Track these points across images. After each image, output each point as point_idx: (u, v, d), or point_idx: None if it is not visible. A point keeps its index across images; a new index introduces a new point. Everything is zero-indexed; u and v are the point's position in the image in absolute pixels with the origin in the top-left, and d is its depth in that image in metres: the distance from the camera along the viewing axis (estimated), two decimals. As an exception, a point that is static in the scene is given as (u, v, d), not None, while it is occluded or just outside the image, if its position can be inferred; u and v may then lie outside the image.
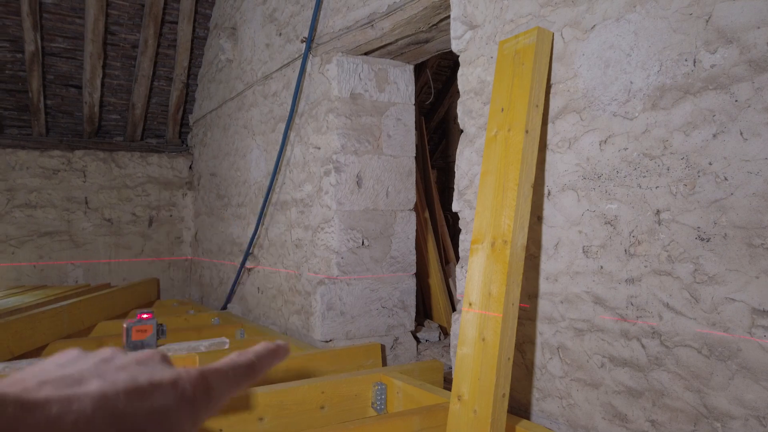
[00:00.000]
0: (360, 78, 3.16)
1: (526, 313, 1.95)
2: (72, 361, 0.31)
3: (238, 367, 0.34)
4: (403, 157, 3.29)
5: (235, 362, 0.34)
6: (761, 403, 1.33)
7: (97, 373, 0.29)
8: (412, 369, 2.49)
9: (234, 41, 4.57)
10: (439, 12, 2.52)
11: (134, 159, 5.68)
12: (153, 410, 0.28)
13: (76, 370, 0.30)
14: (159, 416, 0.28)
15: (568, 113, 1.81)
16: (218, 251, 4.95)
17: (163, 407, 0.29)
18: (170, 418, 0.29)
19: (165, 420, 0.28)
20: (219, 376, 0.32)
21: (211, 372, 0.32)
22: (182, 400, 0.30)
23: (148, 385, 0.29)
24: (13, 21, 4.63)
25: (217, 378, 0.32)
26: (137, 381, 0.29)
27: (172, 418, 0.29)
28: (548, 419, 1.88)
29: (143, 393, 0.28)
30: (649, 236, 1.58)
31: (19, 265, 5.17)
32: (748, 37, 1.36)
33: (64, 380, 0.28)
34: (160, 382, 0.29)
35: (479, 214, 1.84)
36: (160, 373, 0.30)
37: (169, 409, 0.29)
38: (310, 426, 2.11)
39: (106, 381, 0.28)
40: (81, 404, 0.26)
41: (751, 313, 1.35)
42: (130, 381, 0.29)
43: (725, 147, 1.41)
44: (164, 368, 0.31)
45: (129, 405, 0.27)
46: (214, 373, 0.32)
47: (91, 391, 0.27)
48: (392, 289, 3.22)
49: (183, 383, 0.30)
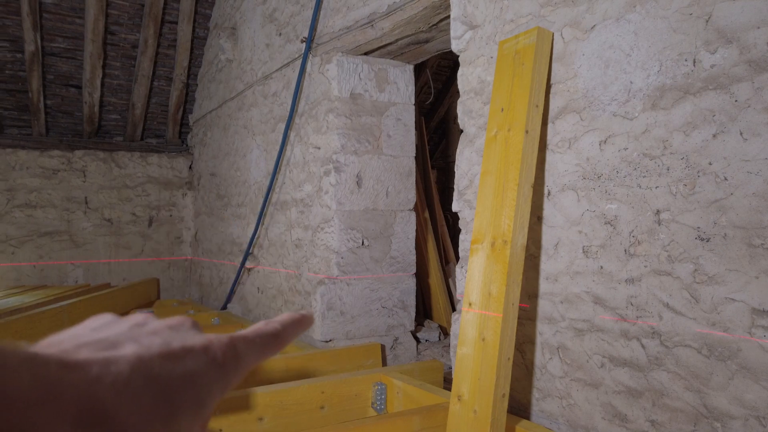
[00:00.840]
0: (360, 78, 3.16)
1: (526, 313, 1.95)
2: (106, 325, 0.32)
3: (264, 335, 0.34)
4: (403, 157, 3.29)
5: (262, 330, 0.34)
6: (761, 403, 1.33)
7: (131, 337, 0.30)
8: (412, 369, 2.49)
9: (234, 41, 4.57)
10: (439, 12, 2.52)
11: (134, 159, 5.68)
12: (186, 374, 0.29)
13: (111, 334, 0.30)
14: (191, 380, 0.29)
15: (568, 113, 1.81)
16: (218, 251, 4.95)
17: (195, 371, 0.29)
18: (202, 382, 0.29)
19: (197, 384, 0.29)
20: (247, 343, 0.33)
21: (239, 339, 0.32)
22: (213, 365, 0.30)
23: (180, 350, 0.29)
24: (13, 21, 4.63)
25: (246, 345, 0.32)
26: (170, 345, 0.30)
27: (204, 382, 0.30)
28: (548, 419, 1.88)
29: (176, 357, 0.29)
30: (649, 236, 1.58)
31: (19, 265, 5.17)
32: (748, 37, 1.36)
33: (100, 343, 0.29)
34: (192, 347, 0.30)
35: (479, 214, 1.84)
36: (192, 339, 0.31)
37: (201, 373, 0.30)
38: (310, 426, 2.11)
39: (141, 345, 0.29)
40: (118, 366, 0.26)
41: (751, 313, 1.35)
42: (164, 345, 0.29)
43: (725, 147, 1.41)
44: (195, 334, 0.32)
45: (163, 368, 0.28)
46: (242, 340, 0.33)
47: (128, 354, 0.27)
48: (392, 289, 3.22)
49: (214, 349, 0.31)
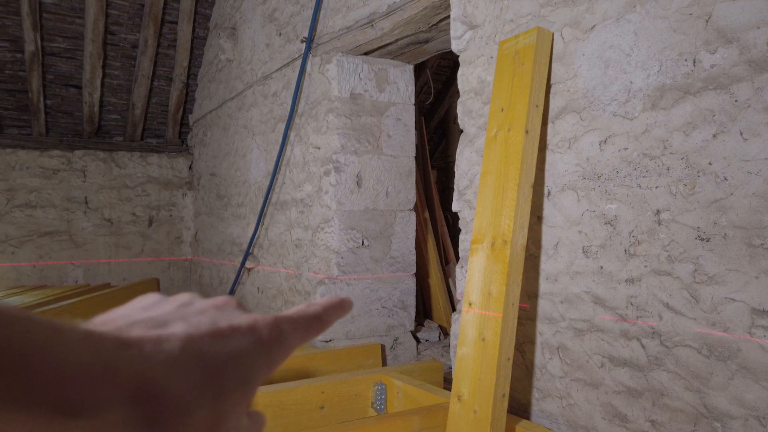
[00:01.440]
0: (360, 78, 3.16)
1: (526, 313, 1.95)
2: (154, 304, 0.33)
3: (307, 317, 0.34)
4: (403, 157, 3.29)
5: (305, 312, 0.35)
6: (761, 403, 1.33)
7: (180, 316, 0.31)
8: (412, 369, 2.49)
9: (234, 41, 4.57)
10: (439, 12, 2.52)
11: (134, 159, 5.68)
12: (233, 352, 0.29)
13: (160, 313, 0.31)
14: (238, 358, 0.29)
15: (568, 113, 1.81)
16: (218, 251, 4.95)
17: (242, 350, 0.30)
18: (248, 360, 0.30)
19: (244, 362, 0.30)
20: (291, 323, 0.33)
21: (284, 319, 0.33)
22: (259, 344, 0.31)
23: (227, 329, 0.30)
24: (13, 21, 4.63)
25: (290, 325, 0.33)
26: (217, 324, 0.30)
27: (250, 360, 0.30)
28: (548, 419, 1.88)
29: (223, 336, 0.29)
30: (648, 236, 1.58)
31: (19, 265, 5.17)
32: (748, 37, 1.36)
33: (150, 322, 0.29)
34: (238, 326, 0.30)
35: (479, 214, 1.84)
36: (238, 318, 0.31)
37: (248, 352, 0.30)
38: (310, 426, 2.11)
39: (190, 324, 0.29)
40: (170, 344, 0.27)
41: (751, 313, 1.35)
42: (211, 324, 0.30)
43: (725, 147, 1.41)
44: (241, 313, 0.33)
45: (211, 347, 0.28)
46: (286, 320, 0.33)
47: (178, 332, 0.28)
48: (392, 289, 3.22)
49: (259, 328, 0.31)
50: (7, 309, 0.22)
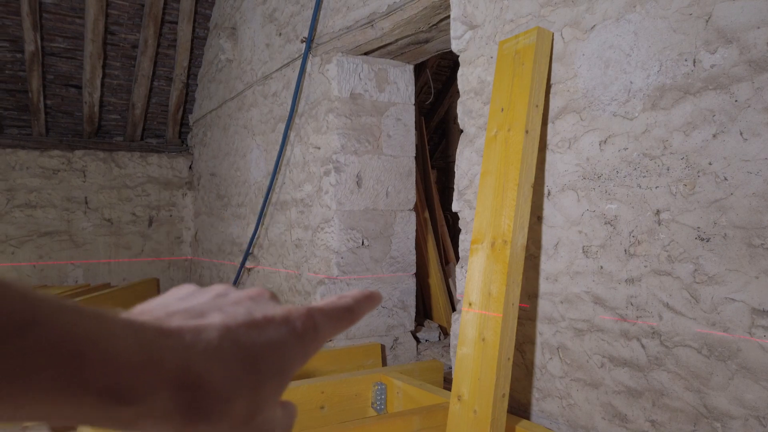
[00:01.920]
0: (360, 78, 3.16)
1: (526, 313, 1.95)
2: (190, 295, 0.33)
3: (339, 308, 0.35)
4: (403, 157, 3.29)
5: (337, 304, 0.35)
6: (761, 403, 1.33)
7: (216, 306, 0.31)
8: (412, 369, 2.49)
9: (234, 41, 4.57)
10: (439, 12, 2.52)
11: (134, 159, 5.68)
12: (269, 343, 0.30)
13: (197, 303, 0.32)
14: (274, 349, 0.30)
15: (568, 113, 1.81)
16: (218, 251, 4.95)
17: (277, 341, 0.30)
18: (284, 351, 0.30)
19: (279, 352, 0.30)
20: (324, 315, 0.33)
21: (317, 311, 0.33)
22: (293, 334, 0.31)
23: (263, 320, 0.31)
24: (13, 21, 4.63)
25: (322, 317, 0.33)
26: (253, 315, 0.31)
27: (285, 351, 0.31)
28: (548, 419, 1.88)
29: (259, 326, 0.30)
30: (648, 236, 1.58)
31: (19, 265, 5.17)
32: (748, 37, 1.36)
33: (188, 312, 0.30)
34: (273, 317, 0.31)
35: (479, 214, 1.84)
36: (272, 309, 0.32)
37: (283, 342, 0.31)
38: (310, 426, 2.11)
39: (227, 314, 0.30)
40: (209, 334, 0.28)
41: (751, 313, 1.35)
42: (247, 315, 0.31)
43: (725, 147, 1.41)
44: (275, 305, 0.33)
45: (248, 337, 0.29)
46: (319, 312, 0.33)
47: (216, 323, 0.29)
48: (392, 289, 3.22)
49: (293, 319, 0.32)
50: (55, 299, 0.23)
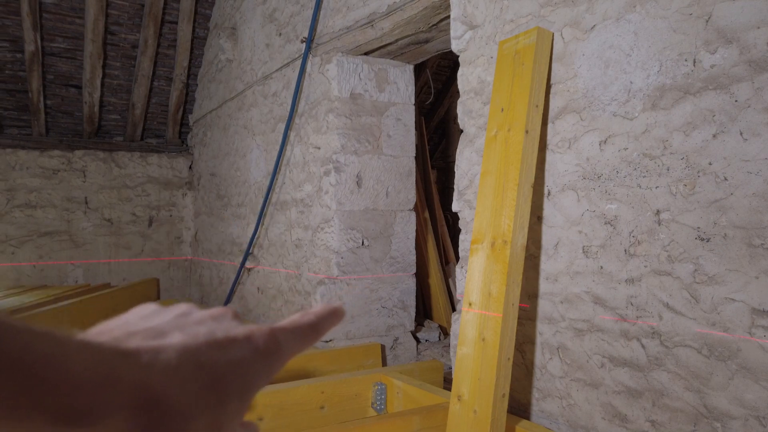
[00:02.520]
0: (360, 78, 3.16)
1: (526, 313, 1.95)
2: (152, 314, 0.33)
3: (302, 326, 0.35)
4: (403, 157, 3.29)
5: (300, 322, 0.35)
6: (761, 403, 1.33)
7: (177, 326, 0.31)
8: (412, 369, 2.49)
9: (234, 41, 4.57)
10: (439, 12, 2.52)
11: (134, 159, 5.68)
12: (230, 362, 0.30)
13: (158, 323, 0.31)
14: (236, 368, 0.30)
15: (568, 113, 1.81)
16: (218, 251, 4.95)
17: (239, 360, 0.30)
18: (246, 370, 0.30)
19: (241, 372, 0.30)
20: (287, 333, 0.33)
21: (279, 330, 0.33)
22: (256, 354, 0.31)
23: (225, 339, 0.30)
24: (13, 21, 4.63)
25: (285, 335, 0.33)
26: (215, 334, 0.30)
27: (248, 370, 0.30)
28: (548, 419, 1.88)
29: (221, 346, 0.30)
30: (649, 236, 1.58)
31: (19, 265, 5.17)
32: (748, 37, 1.36)
33: (148, 332, 0.30)
34: (235, 337, 0.31)
35: (479, 214, 1.84)
36: (235, 329, 0.32)
37: (245, 361, 0.30)
38: (310, 426, 2.11)
39: (187, 334, 0.30)
40: (167, 354, 0.27)
41: (751, 313, 1.35)
42: (209, 334, 0.30)
43: (725, 147, 1.41)
44: (237, 324, 0.33)
45: (209, 357, 0.29)
46: (282, 330, 0.33)
47: (175, 343, 0.29)
48: (392, 289, 3.22)
49: (256, 338, 0.32)
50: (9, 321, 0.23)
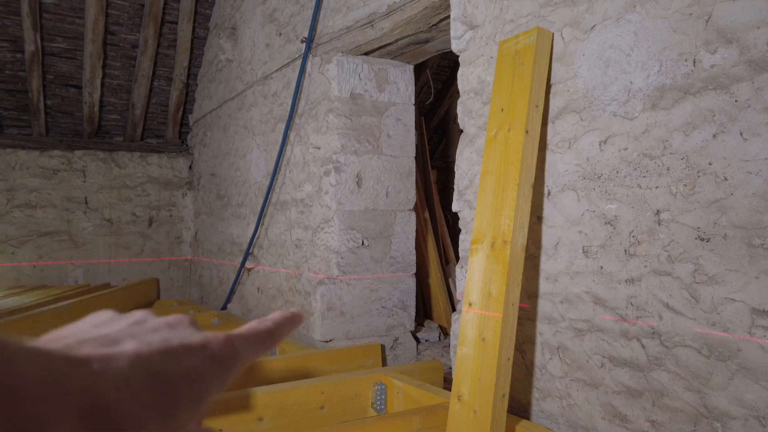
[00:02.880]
0: (360, 78, 3.16)
1: (526, 313, 1.95)
2: (106, 322, 0.33)
3: (259, 333, 0.35)
4: (403, 157, 3.29)
5: (257, 329, 0.35)
6: (761, 403, 1.33)
7: (131, 334, 0.31)
8: (412, 369, 2.49)
9: (234, 41, 4.57)
10: (439, 12, 2.52)
11: (134, 159, 5.68)
12: (184, 370, 0.29)
13: (111, 331, 0.31)
14: (190, 376, 0.30)
15: (568, 113, 1.81)
16: (218, 251, 4.95)
17: (194, 368, 0.30)
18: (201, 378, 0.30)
19: (195, 380, 0.30)
20: (243, 340, 0.33)
21: (236, 337, 0.33)
22: (211, 361, 0.31)
23: (179, 347, 0.30)
24: (13, 21, 4.63)
25: (242, 342, 0.33)
26: (169, 342, 0.30)
27: (202, 378, 0.30)
28: (548, 419, 1.88)
29: (176, 354, 0.30)
30: (649, 236, 1.58)
31: (19, 265, 5.17)
32: (748, 37, 1.36)
33: (101, 339, 0.29)
34: (190, 345, 0.31)
35: (479, 214, 1.84)
36: (190, 336, 0.32)
37: (200, 369, 0.30)
38: (310, 426, 2.11)
39: (141, 342, 0.30)
40: (119, 362, 0.27)
41: (751, 313, 1.35)
42: (163, 342, 0.30)
43: (725, 147, 1.41)
44: (193, 332, 0.33)
45: (162, 365, 0.29)
46: (238, 337, 0.33)
47: (128, 351, 0.28)
48: (392, 289, 3.22)
49: (211, 346, 0.32)
50: None
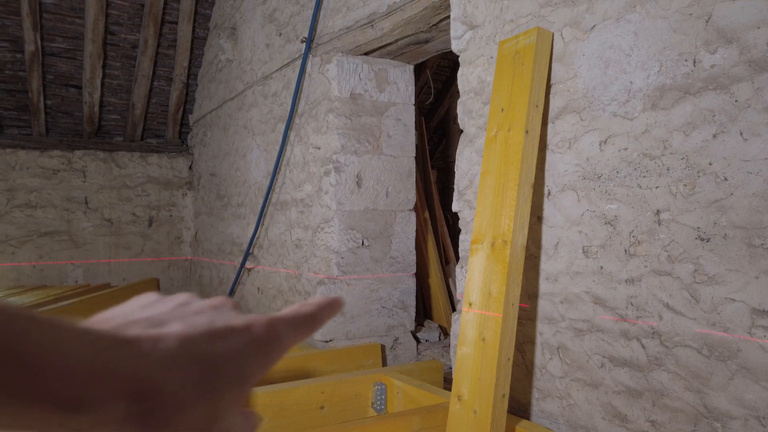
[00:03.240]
0: (360, 78, 3.16)
1: (526, 313, 1.95)
2: (152, 304, 0.33)
3: (300, 317, 0.35)
4: (403, 157, 3.29)
5: (299, 313, 0.35)
6: (761, 403, 1.33)
7: (177, 315, 0.31)
8: (412, 369, 2.49)
9: (234, 41, 4.56)
10: (439, 12, 2.52)
11: (134, 159, 5.68)
12: (229, 352, 0.30)
13: (157, 312, 0.32)
14: (234, 358, 0.30)
15: (568, 113, 1.81)
16: (218, 251, 4.95)
17: (238, 350, 0.30)
18: (244, 361, 0.30)
19: (239, 362, 0.30)
20: (285, 324, 0.34)
21: (278, 320, 0.33)
22: (254, 344, 0.31)
23: (223, 329, 0.30)
24: (13, 21, 4.63)
25: (284, 326, 0.33)
26: (214, 324, 0.31)
27: (246, 360, 0.31)
28: (548, 419, 1.88)
29: (220, 336, 0.30)
30: (649, 236, 1.58)
31: (19, 265, 5.17)
32: (748, 37, 1.36)
33: (148, 321, 0.30)
34: (234, 327, 0.31)
35: (479, 214, 1.84)
36: (234, 319, 0.32)
37: (243, 352, 0.31)
38: (310, 426, 2.11)
39: (187, 323, 0.30)
40: (166, 343, 0.28)
41: (751, 313, 1.35)
42: (208, 324, 0.31)
43: (725, 147, 1.41)
44: (236, 314, 0.33)
45: (208, 346, 0.29)
46: (281, 321, 0.33)
47: (175, 332, 0.29)
48: (392, 289, 3.22)
49: (255, 329, 0.32)
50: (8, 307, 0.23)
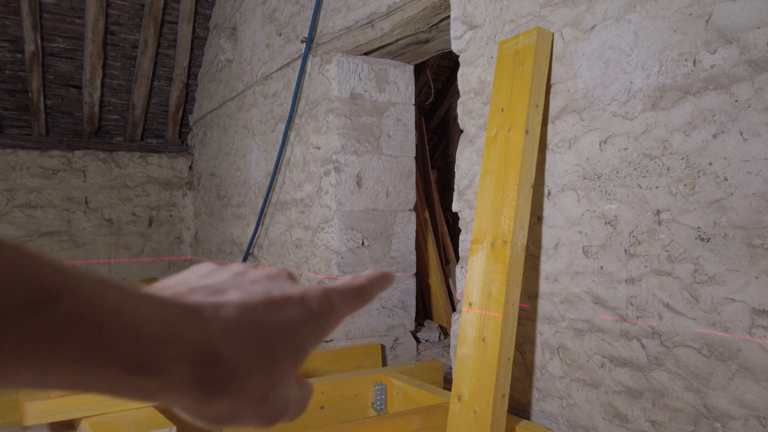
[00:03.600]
0: (360, 78, 3.16)
1: (526, 313, 1.95)
2: (210, 273, 0.34)
3: (354, 288, 0.35)
4: (403, 157, 3.29)
5: (352, 284, 0.36)
6: (761, 403, 1.33)
7: (235, 284, 0.32)
8: (412, 369, 2.49)
9: (234, 41, 4.57)
10: (439, 12, 2.52)
11: (134, 159, 5.68)
12: (286, 322, 0.30)
13: (216, 281, 0.32)
14: (291, 327, 0.30)
15: (568, 113, 1.81)
16: (218, 251, 4.95)
17: (293, 319, 0.31)
18: (300, 330, 0.31)
19: (295, 331, 0.30)
20: (339, 295, 0.34)
21: (332, 291, 0.34)
22: (310, 314, 0.32)
23: (280, 298, 0.31)
24: (13, 21, 4.63)
25: (338, 297, 0.34)
26: (271, 294, 0.31)
27: (302, 330, 0.31)
28: (548, 419, 1.88)
29: (277, 305, 0.31)
30: (649, 236, 1.58)
31: (19, 265, 5.16)
32: (748, 37, 1.36)
33: (207, 289, 0.31)
34: (290, 296, 0.32)
35: (479, 214, 1.84)
36: (290, 288, 0.33)
37: (299, 321, 0.31)
38: (310, 426, 2.11)
39: (245, 292, 0.31)
40: (227, 310, 0.28)
41: (751, 313, 1.35)
42: (265, 293, 0.31)
43: (725, 147, 1.41)
44: (292, 284, 0.34)
45: (265, 315, 0.30)
46: (335, 292, 0.34)
47: (235, 300, 0.29)
48: (392, 289, 3.22)
49: (310, 299, 0.32)
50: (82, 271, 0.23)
